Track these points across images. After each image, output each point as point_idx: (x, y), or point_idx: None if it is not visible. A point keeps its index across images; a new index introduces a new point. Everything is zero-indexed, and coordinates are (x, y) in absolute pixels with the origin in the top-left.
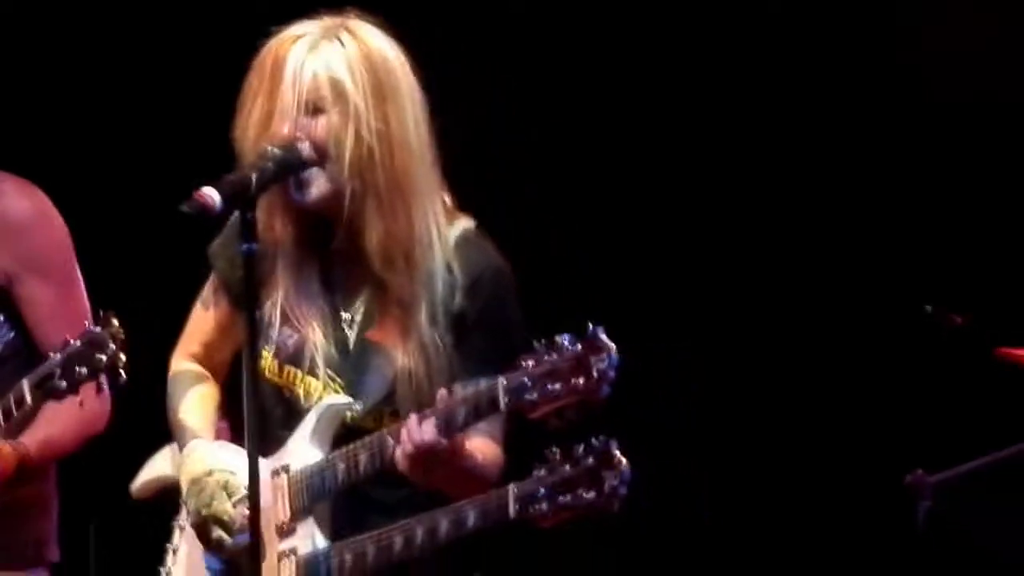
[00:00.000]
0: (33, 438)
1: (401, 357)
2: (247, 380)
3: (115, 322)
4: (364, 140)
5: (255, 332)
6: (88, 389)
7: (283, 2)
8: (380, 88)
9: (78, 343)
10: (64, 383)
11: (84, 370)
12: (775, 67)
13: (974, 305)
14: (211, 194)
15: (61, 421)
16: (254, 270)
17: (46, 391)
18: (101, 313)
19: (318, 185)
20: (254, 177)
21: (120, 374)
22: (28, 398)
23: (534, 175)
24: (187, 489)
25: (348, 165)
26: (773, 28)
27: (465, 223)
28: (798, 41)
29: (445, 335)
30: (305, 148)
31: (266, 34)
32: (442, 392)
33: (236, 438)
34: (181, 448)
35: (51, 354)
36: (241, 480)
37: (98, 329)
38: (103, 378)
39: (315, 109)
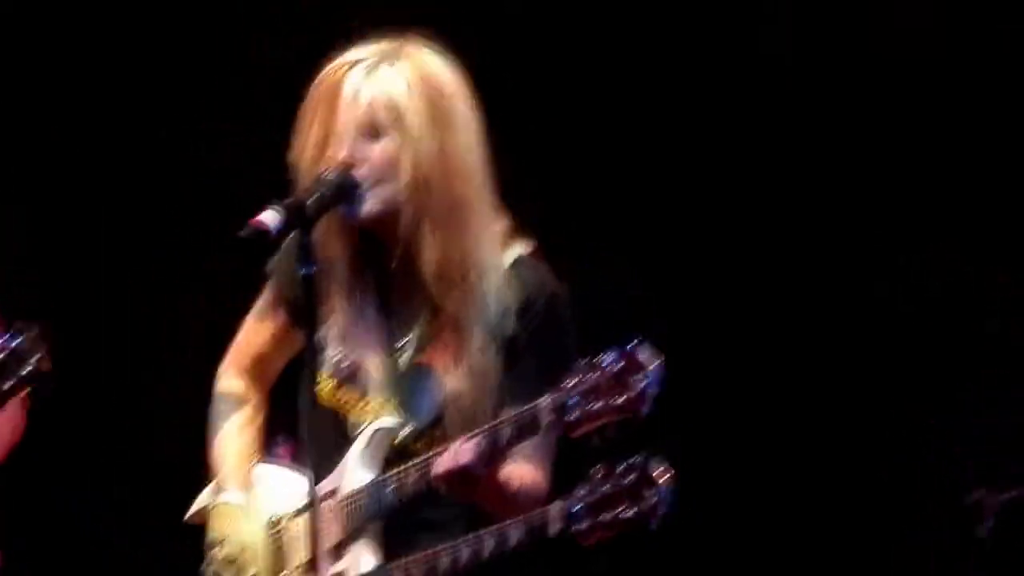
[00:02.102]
0: None
1: (451, 381)
2: (303, 403)
3: (32, 331)
4: (420, 166)
5: (314, 354)
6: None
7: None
8: (437, 114)
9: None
10: None
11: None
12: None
13: None
14: (268, 220)
15: None
16: (313, 292)
17: None
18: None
19: (372, 203)
20: (309, 203)
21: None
22: None
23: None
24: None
25: (404, 190)
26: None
27: (521, 247)
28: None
29: (497, 359)
30: (361, 173)
31: (323, 56)
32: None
33: (295, 459)
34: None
35: None
36: (251, 556)
37: (20, 339)
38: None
39: (372, 133)
